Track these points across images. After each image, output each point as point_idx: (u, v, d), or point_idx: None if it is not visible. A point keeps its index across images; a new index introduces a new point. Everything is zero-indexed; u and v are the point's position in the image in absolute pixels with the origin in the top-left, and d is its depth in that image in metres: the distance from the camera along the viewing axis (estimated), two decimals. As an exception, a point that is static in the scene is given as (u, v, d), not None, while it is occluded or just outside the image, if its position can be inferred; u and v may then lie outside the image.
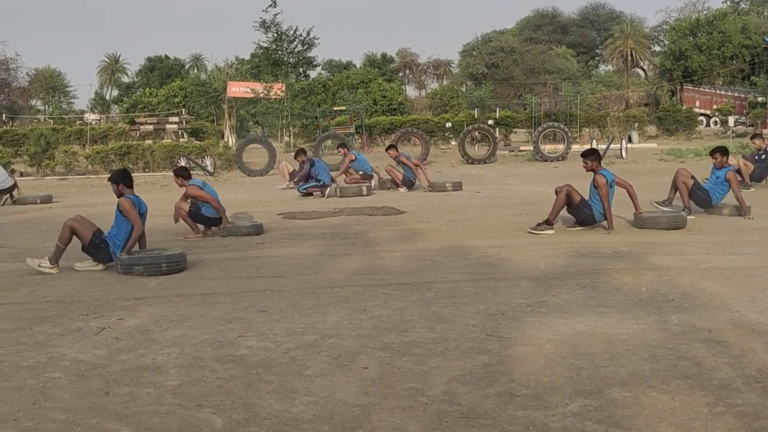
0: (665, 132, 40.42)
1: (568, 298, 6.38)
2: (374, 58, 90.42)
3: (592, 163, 10.32)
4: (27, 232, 11.61)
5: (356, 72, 60.51)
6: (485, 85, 61.93)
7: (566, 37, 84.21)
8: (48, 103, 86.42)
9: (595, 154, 10.51)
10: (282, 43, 35.38)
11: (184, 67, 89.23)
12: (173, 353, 5.04)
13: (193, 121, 45.52)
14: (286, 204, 14.97)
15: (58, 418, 3.93)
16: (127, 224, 8.33)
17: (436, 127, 39.16)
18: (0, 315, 6.27)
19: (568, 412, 3.87)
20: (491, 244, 9.22)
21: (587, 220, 10.21)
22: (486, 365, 4.62)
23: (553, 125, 30.96)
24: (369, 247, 9.43)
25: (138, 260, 7.96)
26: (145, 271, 7.86)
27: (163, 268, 7.91)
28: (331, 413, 3.91)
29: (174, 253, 8.20)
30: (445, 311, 5.99)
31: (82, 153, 29.58)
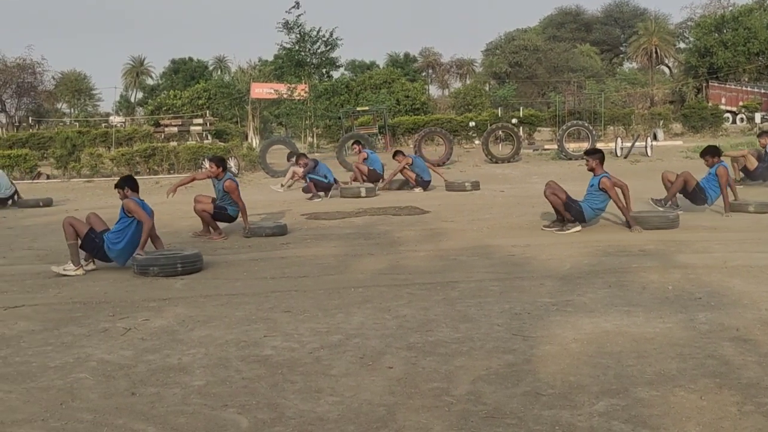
0: (691, 129, 40.06)
1: (594, 297, 6.34)
2: (397, 58, 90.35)
3: (593, 162, 10.29)
4: (54, 235, 11.68)
5: (379, 72, 60.48)
6: (509, 84, 61.81)
7: (590, 35, 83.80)
8: (73, 106, 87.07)
9: (600, 153, 10.48)
10: (305, 44, 35.44)
11: (207, 68, 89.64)
12: (199, 353, 5.06)
13: (217, 122, 45.69)
14: (309, 205, 14.99)
15: (85, 419, 3.95)
16: (130, 225, 8.36)
17: (460, 127, 39.04)
18: (28, 316, 6.33)
19: (595, 411, 3.84)
20: (516, 244, 9.18)
21: (577, 215, 10.16)
22: (511, 365, 4.60)
23: (578, 123, 30.78)
24: (393, 246, 9.43)
25: (153, 261, 8.01)
26: (160, 272, 7.91)
27: (178, 269, 7.95)
28: (357, 413, 3.91)
29: (189, 254, 8.24)
30: (470, 311, 5.97)
31: (108, 155, 29.73)
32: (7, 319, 6.22)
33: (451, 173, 23.21)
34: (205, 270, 8.24)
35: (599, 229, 10.22)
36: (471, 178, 19.40)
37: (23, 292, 7.40)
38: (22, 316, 6.32)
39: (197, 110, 50.04)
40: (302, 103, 35.45)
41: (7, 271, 8.27)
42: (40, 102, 62.00)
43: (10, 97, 57.64)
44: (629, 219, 10.04)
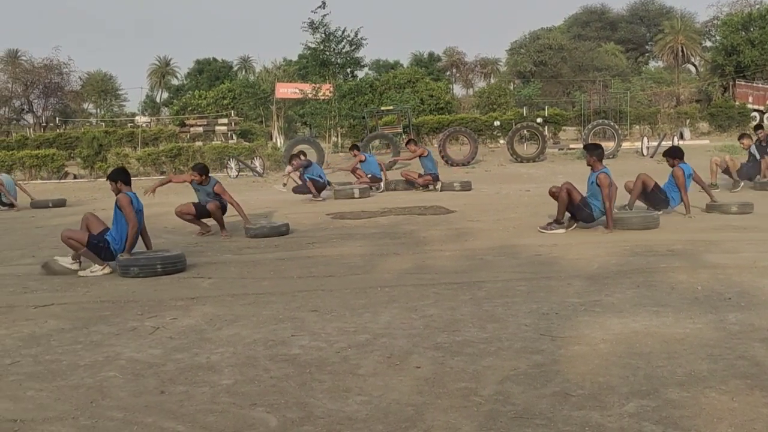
0: (718, 128, 39.78)
1: (623, 297, 6.30)
2: (421, 58, 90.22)
3: (591, 159, 10.26)
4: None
5: (403, 71, 60.41)
6: (533, 83, 61.58)
7: (615, 34, 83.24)
8: (100, 106, 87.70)
9: (599, 149, 10.44)
10: (330, 43, 35.46)
11: (232, 69, 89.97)
12: (227, 352, 5.08)
13: (242, 122, 45.88)
14: (334, 204, 15.01)
15: (115, 417, 3.98)
16: (126, 222, 8.42)
17: (484, 126, 38.96)
18: (57, 315, 6.38)
19: (625, 412, 3.82)
20: (543, 243, 9.15)
21: (587, 218, 10.16)
22: (540, 365, 4.58)
23: (603, 123, 30.64)
24: (419, 246, 9.42)
25: (134, 261, 8.10)
26: (140, 272, 7.98)
27: (158, 269, 8.01)
28: (385, 412, 3.91)
29: (171, 255, 8.32)
30: (497, 311, 5.95)
31: (134, 155, 29.98)
32: (37, 318, 6.28)
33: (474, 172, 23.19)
34: (231, 269, 8.28)
35: (626, 228, 10.14)
36: (462, 178, 19.36)
37: (52, 291, 7.46)
38: (51, 315, 6.37)
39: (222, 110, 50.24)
40: (327, 102, 35.48)
41: (36, 269, 8.33)
42: (67, 102, 62.49)
43: (38, 98, 58.17)
44: (610, 220, 9.99)
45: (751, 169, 15.61)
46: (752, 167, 15.64)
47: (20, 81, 57.33)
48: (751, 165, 15.67)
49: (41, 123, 57.83)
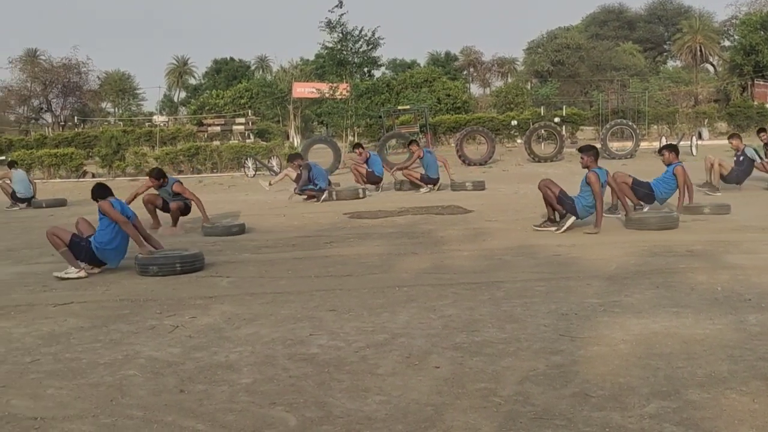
0: (736, 128, 39.47)
1: (642, 297, 6.27)
2: (438, 57, 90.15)
3: (587, 159, 10.26)
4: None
5: (420, 71, 60.38)
6: (551, 83, 61.40)
7: (633, 33, 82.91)
8: (118, 105, 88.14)
9: (593, 151, 10.43)
10: (347, 43, 35.54)
11: (249, 68, 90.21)
12: (246, 351, 5.09)
13: (259, 122, 46.01)
14: (352, 203, 15.02)
15: (135, 415, 3.99)
16: (108, 225, 8.42)
17: (502, 125, 38.89)
18: (77, 313, 6.42)
19: (645, 413, 3.80)
20: (561, 243, 9.12)
21: (572, 210, 10.15)
22: (559, 365, 4.56)
23: (621, 122, 30.52)
24: (437, 246, 9.41)
25: (152, 260, 8.15)
26: (159, 271, 8.03)
27: (177, 268, 8.07)
28: (404, 412, 3.90)
29: (189, 254, 8.37)
30: (516, 311, 5.93)
31: (152, 154, 30.10)
32: (57, 316, 6.31)
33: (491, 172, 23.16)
34: (249, 268, 8.31)
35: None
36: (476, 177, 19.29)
37: (72, 290, 7.50)
38: (71, 313, 6.41)
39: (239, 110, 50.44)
40: (344, 102, 35.53)
41: (55, 268, 8.38)
42: (85, 101, 62.86)
43: (56, 97, 58.54)
44: (599, 218, 10.00)
45: (740, 173, 15.10)
46: (743, 171, 15.12)
47: (39, 80, 57.71)
48: (742, 169, 15.12)
49: (60, 122, 58.18)
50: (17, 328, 5.98)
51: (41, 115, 61.35)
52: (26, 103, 60.00)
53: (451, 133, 39.56)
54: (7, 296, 7.26)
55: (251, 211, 14.18)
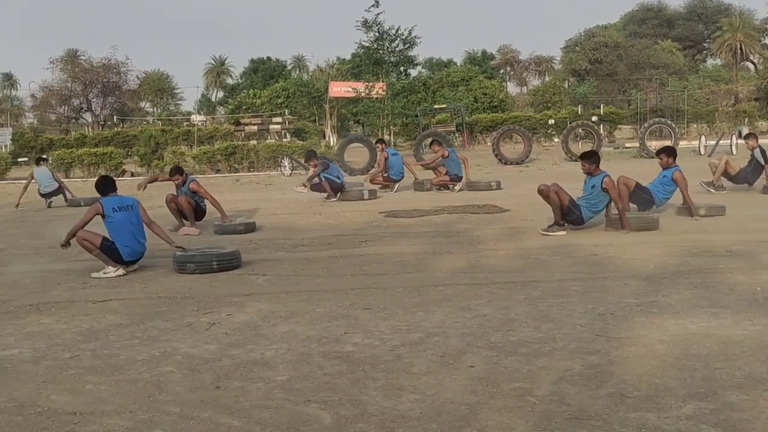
0: (778, 127, 38.98)
1: (680, 298, 6.20)
2: (475, 56, 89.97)
3: (590, 166, 10.20)
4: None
5: (457, 70, 60.36)
6: (588, 81, 60.89)
7: (672, 31, 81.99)
8: (156, 105, 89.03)
9: (595, 156, 10.37)
10: (383, 42, 35.57)
11: (286, 68, 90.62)
12: (281, 349, 5.12)
13: (296, 121, 46.23)
14: (387, 202, 15.02)
15: (172, 411, 4.03)
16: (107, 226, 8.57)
17: (539, 124, 38.73)
18: (115, 310, 6.49)
19: (682, 414, 3.76)
20: (598, 243, 9.05)
21: (576, 221, 10.07)
22: (595, 365, 4.53)
23: (660, 121, 30.24)
24: (472, 245, 9.39)
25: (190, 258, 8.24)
26: (197, 269, 8.09)
27: (214, 266, 8.13)
28: (439, 411, 3.90)
29: (227, 251, 8.44)
30: (552, 310, 5.90)
31: (190, 153, 30.37)
32: (95, 313, 6.39)
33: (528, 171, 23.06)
34: (284, 266, 8.35)
35: (684, 229, 10.00)
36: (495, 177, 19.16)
37: (110, 287, 7.59)
38: (110, 310, 6.49)
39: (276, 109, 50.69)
40: (380, 101, 35.56)
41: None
42: (125, 101, 63.48)
43: (96, 97, 59.16)
44: (624, 219, 9.93)
45: (751, 174, 14.78)
46: (753, 172, 14.80)
47: (79, 80, 58.36)
48: (751, 169, 14.81)
49: (99, 121, 58.86)
50: (57, 324, 6.06)
51: (81, 114, 62.04)
52: (67, 102, 60.71)
53: (487, 132, 39.50)
54: (48, 293, 7.37)
55: (287, 210, 14.24)
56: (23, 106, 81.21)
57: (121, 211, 8.56)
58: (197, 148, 32.63)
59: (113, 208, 8.55)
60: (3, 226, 13.70)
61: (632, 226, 9.93)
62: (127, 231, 8.47)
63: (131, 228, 8.51)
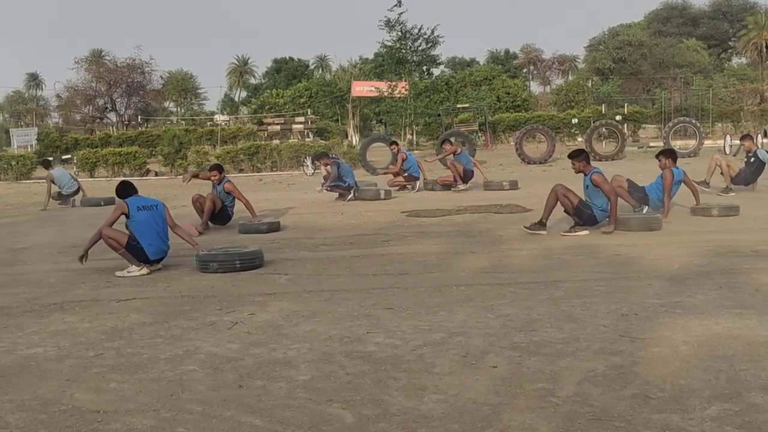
0: (804, 126, 38.58)
1: (704, 298, 6.15)
2: (497, 55, 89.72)
3: (580, 164, 10.14)
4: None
5: (479, 69, 60.21)
6: (612, 80, 60.59)
7: (697, 30, 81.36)
8: (180, 104, 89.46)
9: (583, 154, 10.30)
10: (406, 41, 35.55)
11: (309, 67, 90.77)
12: (303, 348, 5.12)
13: (318, 120, 46.28)
14: (410, 202, 15.01)
15: (194, 410, 4.04)
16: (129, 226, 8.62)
17: (562, 124, 38.56)
18: (139, 309, 6.53)
19: (707, 416, 3.73)
20: (621, 243, 8.99)
21: (589, 220, 9.98)
22: (619, 366, 4.50)
23: (684, 120, 30.04)
24: (495, 245, 9.36)
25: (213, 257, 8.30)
26: (219, 268, 8.13)
27: (236, 265, 8.17)
28: (461, 412, 3.89)
29: (249, 251, 8.48)
30: (575, 311, 5.87)
31: (213, 153, 30.49)
32: (119, 312, 6.43)
33: (552, 170, 22.94)
34: (307, 266, 8.36)
35: (708, 229, 9.92)
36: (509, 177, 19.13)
37: (134, 286, 7.63)
38: (133, 309, 6.52)
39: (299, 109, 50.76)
40: (402, 100, 35.54)
41: (118, 264, 8.53)
42: (149, 101, 63.85)
43: (120, 96, 59.54)
44: (613, 217, 9.87)
45: (750, 175, 14.65)
46: (752, 173, 14.66)
47: (104, 80, 58.78)
48: (751, 171, 14.66)
49: (124, 121, 59.25)
50: (81, 323, 6.10)
51: (106, 114, 62.47)
52: (91, 102, 61.14)
53: (510, 131, 39.39)
54: (72, 292, 7.42)
55: (309, 210, 14.27)
56: (48, 106, 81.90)
57: (145, 210, 8.62)
58: (220, 148, 32.77)
59: (137, 207, 8.60)
60: (28, 225, 13.82)
61: (635, 226, 9.90)
62: (152, 230, 8.52)
63: (155, 227, 8.57)
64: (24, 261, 9.49)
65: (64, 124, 64.83)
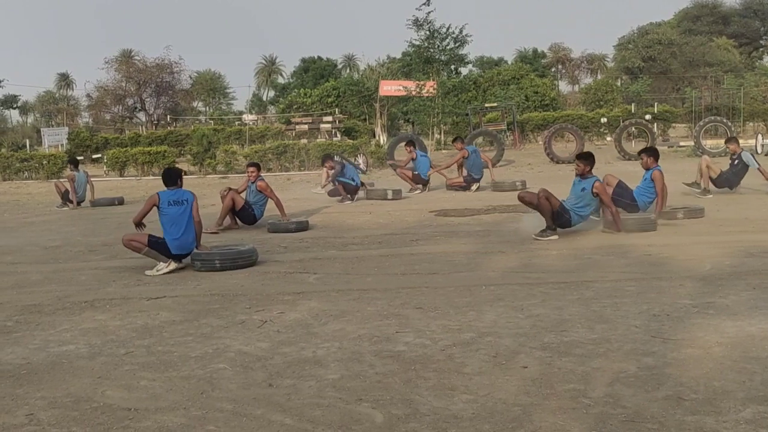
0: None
1: (737, 299, 6.08)
2: (526, 54, 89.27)
3: (584, 167, 10.03)
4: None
5: (508, 68, 59.97)
6: (642, 79, 60.15)
7: (728, 28, 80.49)
8: (208, 104, 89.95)
9: (591, 159, 10.19)
10: (434, 40, 35.51)
11: (337, 67, 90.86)
12: (332, 347, 5.12)
13: (346, 120, 46.32)
14: (438, 201, 14.99)
15: (225, 408, 4.05)
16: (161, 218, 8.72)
17: (591, 123, 38.33)
18: (169, 307, 6.56)
19: (741, 418, 3.68)
20: (652, 243, 8.91)
21: (565, 224, 9.88)
22: (651, 367, 4.45)
23: (715, 119, 29.73)
24: (524, 244, 9.31)
25: None
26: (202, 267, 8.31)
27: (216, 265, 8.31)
28: (491, 412, 3.86)
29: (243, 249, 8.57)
30: (606, 311, 5.82)
31: (242, 152, 30.56)
32: (149, 310, 6.47)
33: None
34: (335, 265, 8.37)
35: (741, 229, 9.81)
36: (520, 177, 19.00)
37: (164, 284, 7.68)
38: (163, 307, 6.55)
39: (327, 108, 50.82)
40: (430, 99, 35.50)
41: (149, 263, 8.58)
42: (177, 101, 64.21)
43: (150, 96, 59.92)
44: (618, 222, 9.81)
45: (733, 177, 14.49)
46: (735, 175, 14.49)
47: (133, 80, 59.20)
48: (734, 173, 14.50)
49: (153, 121, 59.62)
50: (112, 320, 6.15)
51: (135, 114, 62.94)
52: (121, 102, 61.60)
53: (538, 130, 39.20)
54: (103, 290, 7.48)
55: (338, 209, 14.29)
56: (79, 106, 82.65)
57: (175, 206, 8.68)
58: (249, 147, 32.86)
59: (168, 201, 8.68)
60: (59, 224, 13.94)
61: (628, 227, 9.82)
62: (178, 225, 8.58)
63: (182, 223, 8.61)
64: (56, 259, 9.57)
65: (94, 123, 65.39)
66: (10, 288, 7.75)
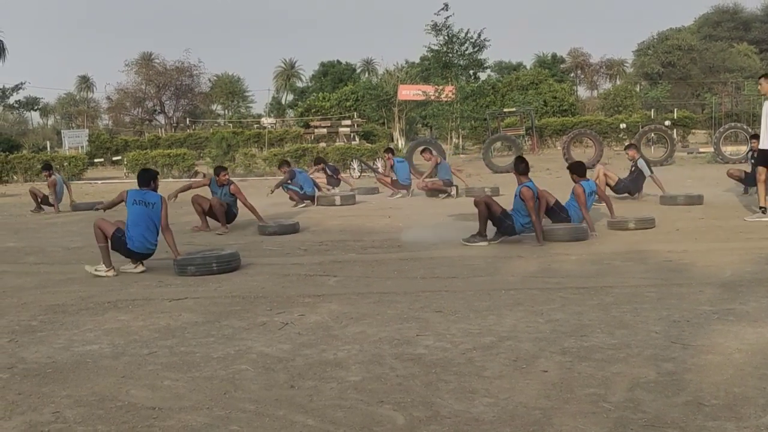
0: None
1: (758, 305, 6.07)
2: (545, 59, 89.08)
3: (515, 173, 10.17)
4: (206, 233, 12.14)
5: (526, 73, 59.91)
6: (661, 85, 59.93)
7: (748, 34, 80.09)
8: (227, 107, 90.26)
9: (522, 164, 10.15)
10: (453, 45, 35.52)
11: (355, 71, 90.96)
12: (353, 350, 5.16)
13: (364, 124, 46.43)
14: (456, 205, 15.01)
15: (247, 409, 4.09)
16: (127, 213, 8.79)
17: (609, 128, 38.24)
18: (191, 308, 6.62)
19: (762, 424, 3.68)
20: (672, 249, 8.90)
21: (508, 230, 9.93)
22: (671, 373, 4.46)
23: (736, 126, 29.60)
24: (543, 249, 9.32)
25: None
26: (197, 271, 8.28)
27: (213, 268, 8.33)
28: (512, 415, 3.89)
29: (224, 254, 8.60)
30: (626, 317, 5.83)
31: (260, 155, 30.74)
32: (172, 311, 6.53)
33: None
34: (355, 268, 8.41)
35: (762, 236, 9.78)
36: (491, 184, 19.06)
37: (186, 285, 7.74)
38: (186, 308, 6.61)
39: (345, 112, 50.95)
40: (449, 104, 35.50)
41: (166, 265, 8.65)
42: (197, 103, 64.55)
43: (169, 99, 60.34)
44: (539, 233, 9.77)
45: (630, 183, 14.79)
46: (633, 181, 14.80)
47: (153, 83, 59.62)
48: (631, 179, 14.82)
49: (172, 123, 60.00)
50: (135, 321, 6.21)
51: (155, 116, 63.34)
52: (141, 104, 62.04)
53: (557, 135, 39.14)
54: (125, 290, 7.55)
55: (356, 212, 14.33)
56: (99, 108, 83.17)
57: (138, 205, 8.73)
58: (268, 150, 33.03)
59: (134, 200, 8.77)
60: (80, 225, 14.04)
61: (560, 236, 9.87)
62: (138, 225, 8.65)
63: (142, 224, 8.66)
64: (78, 260, 9.66)
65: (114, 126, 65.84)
66: (33, 288, 7.84)
